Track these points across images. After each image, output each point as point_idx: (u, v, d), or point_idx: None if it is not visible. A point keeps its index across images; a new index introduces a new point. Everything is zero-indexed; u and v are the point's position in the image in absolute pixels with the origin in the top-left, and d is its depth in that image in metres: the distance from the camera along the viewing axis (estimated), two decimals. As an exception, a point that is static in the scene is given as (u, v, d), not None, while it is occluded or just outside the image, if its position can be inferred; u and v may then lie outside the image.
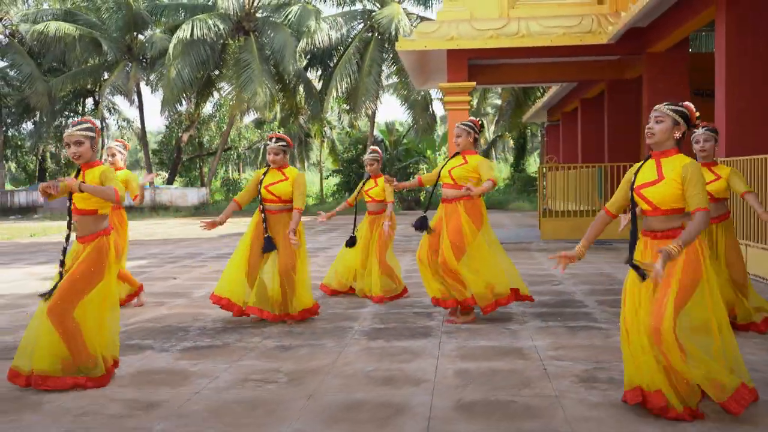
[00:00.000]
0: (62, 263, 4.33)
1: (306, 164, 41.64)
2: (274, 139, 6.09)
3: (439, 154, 39.35)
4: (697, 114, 3.81)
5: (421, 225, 5.95)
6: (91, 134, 4.35)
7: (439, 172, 6.09)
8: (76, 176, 4.39)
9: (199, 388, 4.24)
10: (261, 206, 6.02)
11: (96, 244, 4.29)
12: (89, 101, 37.21)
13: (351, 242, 7.30)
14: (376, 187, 7.25)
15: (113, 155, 6.96)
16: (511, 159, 44.26)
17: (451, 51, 12.63)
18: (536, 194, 27.63)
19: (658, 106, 3.82)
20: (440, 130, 42.09)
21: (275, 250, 5.95)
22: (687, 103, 3.82)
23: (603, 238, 13.37)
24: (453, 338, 5.47)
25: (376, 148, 7.51)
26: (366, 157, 7.40)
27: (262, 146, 39.73)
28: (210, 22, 27.28)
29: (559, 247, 12.47)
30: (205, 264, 10.98)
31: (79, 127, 4.35)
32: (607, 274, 9.01)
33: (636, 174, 3.81)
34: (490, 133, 45.14)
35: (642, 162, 3.85)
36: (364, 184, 7.40)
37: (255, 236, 6.02)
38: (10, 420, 3.73)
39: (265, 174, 6.10)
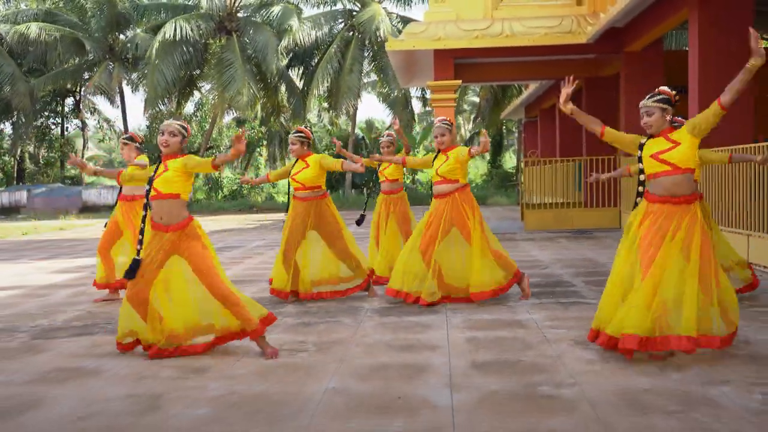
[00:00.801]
0: (140, 242, 4.75)
1: (286, 162, 42.01)
2: (293, 131, 6.68)
3: (417, 151, 39.89)
4: (674, 93, 4.56)
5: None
6: (185, 133, 4.83)
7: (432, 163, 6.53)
8: (157, 169, 4.78)
9: (238, 356, 4.73)
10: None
11: (191, 230, 4.74)
12: (68, 101, 37.22)
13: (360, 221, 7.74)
14: (391, 166, 7.69)
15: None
16: (487, 155, 44.93)
17: (438, 51, 13.17)
18: (513, 189, 28.38)
19: (643, 102, 4.48)
20: (418, 127, 42.66)
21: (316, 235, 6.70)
22: (662, 88, 4.59)
23: (583, 228, 14.04)
24: (458, 313, 6.01)
25: (392, 132, 7.85)
26: (383, 139, 7.74)
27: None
28: (192, 22, 27.58)
29: (543, 237, 13.09)
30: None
31: (179, 121, 4.85)
32: (590, 259, 9.60)
33: (642, 146, 4.54)
34: (466, 130, 45.79)
35: (647, 137, 4.58)
36: (379, 165, 7.79)
37: (292, 226, 6.59)
38: (77, 385, 4.18)
39: (293, 166, 6.69)
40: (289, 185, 6.72)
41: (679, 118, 6.10)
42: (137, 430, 3.37)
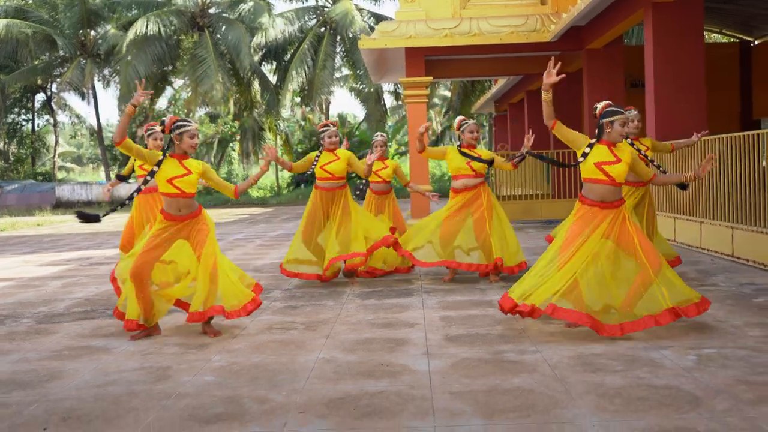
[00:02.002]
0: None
1: (259, 157, 42.17)
2: (331, 126, 7.19)
3: (390, 145, 40.41)
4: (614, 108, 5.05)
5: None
6: None
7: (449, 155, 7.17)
8: (162, 163, 5.12)
9: (234, 335, 5.20)
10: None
11: (203, 217, 5.25)
12: (38, 97, 37.07)
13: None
14: (386, 169, 8.03)
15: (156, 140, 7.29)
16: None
17: (410, 48, 13.66)
18: (486, 181, 29.09)
19: (636, 113, 5.09)
20: (390, 121, 43.16)
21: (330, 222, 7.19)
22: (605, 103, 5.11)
23: (550, 218, 14.65)
24: (433, 296, 6.53)
25: (380, 133, 8.24)
26: (377, 139, 8.04)
27: (216, 139, 40.18)
28: (165, 18, 27.76)
29: (513, 226, 13.64)
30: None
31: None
32: (556, 247, 10.17)
33: (591, 150, 4.98)
34: (437, 123, 46.38)
35: (594, 141, 5.01)
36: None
37: (311, 213, 7.16)
38: (91, 360, 4.62)
39: (318, 157, 7.13)
40: (312, 175, 7.20)
41: (631, 110, 6.77)
42: (153, 394, 3.83)
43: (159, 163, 5.11)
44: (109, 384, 4.05)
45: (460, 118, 7.32)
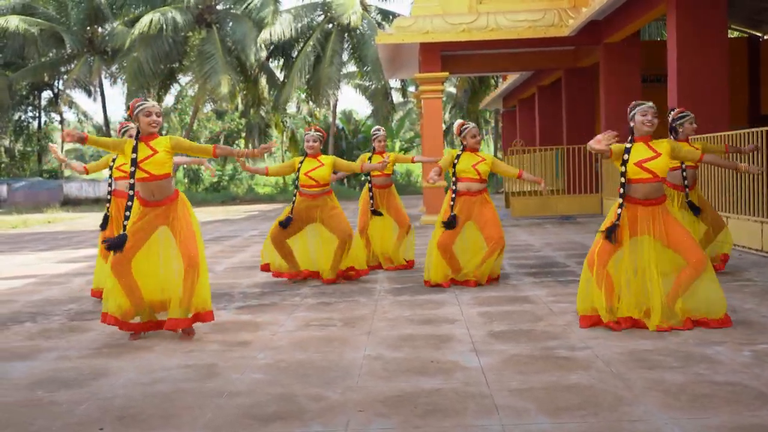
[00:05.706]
0: (126, 217, 4.96)
1: (265, 154, 42.10)
2: (312, 130, 7.07)
3: (395, 141, 40.38)
4: None
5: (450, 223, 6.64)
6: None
7: (453, 162, 6.75)
8: (136, 150, 4.93)
9: (273, 331, 5.13)
10: (298, 191, 7.07)
11: (182, 201, 5.07)
12: (45, 94, 37.02)
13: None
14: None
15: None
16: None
17: (425, 44, 13.59)
18: (491, 178, 29.00)
19: (653, 104, 4.90)
20: (395, 117, 43.11)
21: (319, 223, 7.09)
22: None
23: (567, 214, 14.60)
24: (466, 292, 6.47)
25: (380, 127, 8.21)
26: (379, 134, 8.02)
27: (222, 136, 40.12)
28: (171, 14, 27.66)
29: (529, 223, 13.62)
30: (208, 246, 11.71)
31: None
32: (578, 242, 10.12)
33: (629, 151, 4.86)
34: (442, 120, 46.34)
35: (629, 144, 4.90)
36: (370, 159, 7.97)
37: (296, 218, 7.05)
38: (132, 357, 4.55)
39: (302, 162, 7.01)
40: (296, 180, 7.11)
41: (680, 111, 6.65)
42: (204, 392, 3.76)
43: (135, 149, 4.92)
44: (157, 382, 3.99)
45: (459, 122, 7.06)
